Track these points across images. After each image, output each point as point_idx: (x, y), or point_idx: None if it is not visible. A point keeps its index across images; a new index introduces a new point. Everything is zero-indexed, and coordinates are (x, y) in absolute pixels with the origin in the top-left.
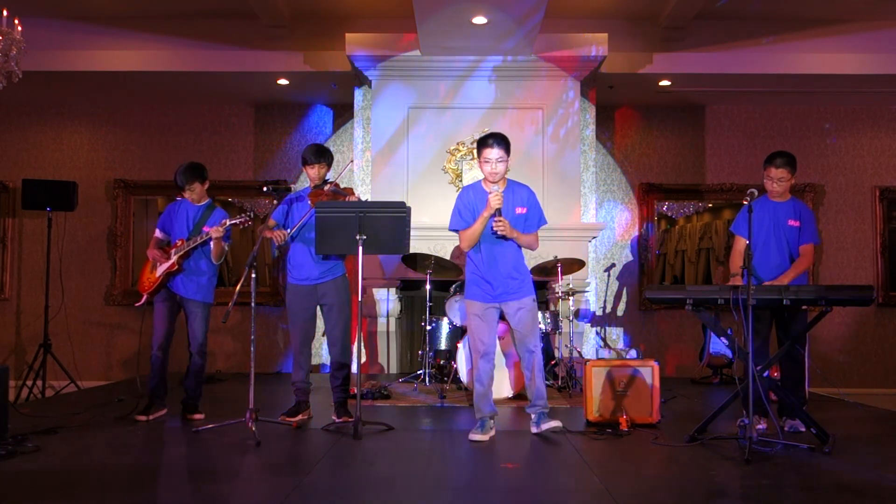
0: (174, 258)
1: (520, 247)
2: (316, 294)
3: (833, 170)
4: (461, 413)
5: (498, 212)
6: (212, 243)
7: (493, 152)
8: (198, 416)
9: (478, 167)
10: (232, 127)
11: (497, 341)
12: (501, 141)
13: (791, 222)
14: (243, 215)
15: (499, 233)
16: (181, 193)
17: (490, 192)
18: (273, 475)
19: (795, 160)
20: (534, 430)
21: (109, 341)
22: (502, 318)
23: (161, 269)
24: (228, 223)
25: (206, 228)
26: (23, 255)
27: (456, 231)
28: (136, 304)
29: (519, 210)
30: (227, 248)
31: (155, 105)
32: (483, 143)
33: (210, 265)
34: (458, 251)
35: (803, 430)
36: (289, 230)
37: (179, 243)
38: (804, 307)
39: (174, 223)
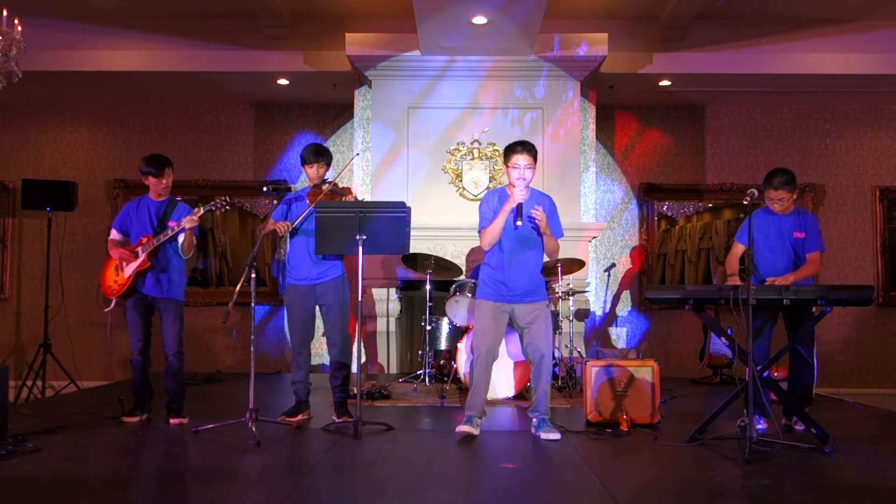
0: (143, 256)
1: (540, 253)
2: (315, 294)
3: (833, 170)
4: (461, 413)
5: (520, 206)
6: (182, 236)
7: (522, 159)
8: (180, 420)
9: (478, 167)
10: (232, 127)
11: (502, 342)
12: (530, 148)
13: (797, 234)
14: (218, 200)
15: (536, 220)
16: (160, 181)
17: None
18: (273, 475)
19: (794, 177)
20: (534, 432)
21: (109, 341)
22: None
23: (130, 269)
24: (203, 210)
25: (171, 223)
26: (23, 255)
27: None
28: (106, 310)
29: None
30: (195, 241)
31: (155, 105)
32: (511, 149)
33: (180, 261)
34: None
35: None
36: (292, 223)
37: (144, 240)
38: (813, 308)
39: (134, 221)
